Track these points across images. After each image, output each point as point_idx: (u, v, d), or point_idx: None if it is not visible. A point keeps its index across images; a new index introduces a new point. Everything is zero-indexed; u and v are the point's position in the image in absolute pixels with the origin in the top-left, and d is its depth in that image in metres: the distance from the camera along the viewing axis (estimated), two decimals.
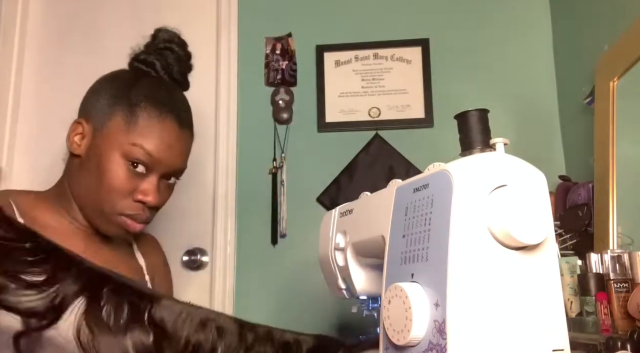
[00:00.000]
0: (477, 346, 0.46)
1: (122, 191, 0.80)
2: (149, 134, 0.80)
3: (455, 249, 0.48)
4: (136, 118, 0.81)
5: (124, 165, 0.79)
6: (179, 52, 0.91)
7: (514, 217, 0.47)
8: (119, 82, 0.86)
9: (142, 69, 0.88)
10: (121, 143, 0.80)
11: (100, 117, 0.82)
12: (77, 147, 0.83)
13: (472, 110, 0.57)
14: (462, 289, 0.47)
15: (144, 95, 0.83)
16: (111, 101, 0.82)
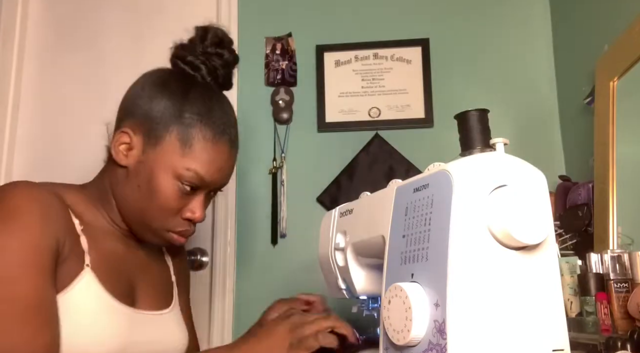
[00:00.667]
0: (477, 346, 0.47)
1: (172, 210, 0.80)
2: (203, 159, 0.80)
3: (455, 249, 0.48)
4: (191, 141, 0.79)
5: (176, 185, 0.79)
6: (228, 59, 0.88)
7: (514, 217, 0.47)
8: (169, 92, 0.82)
9: (188, 72, 0.86)
10: (175, 165, 0.79)
11: (152, 132, 0.80)
12: (123, 157, 0.81)
13: (472, 110, 0.57)
14: (462, 289, 0.47)
15: (198, 113, 0.81)
16: (163, 117, 0.80)
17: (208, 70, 0.86)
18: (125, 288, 0.81)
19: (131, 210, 0.81)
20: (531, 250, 0.49)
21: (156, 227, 0.81)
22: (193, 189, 0.80)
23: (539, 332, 0.48)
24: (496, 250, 0.49)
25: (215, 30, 0.87)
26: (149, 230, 0.82)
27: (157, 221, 0.80)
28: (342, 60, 1.62)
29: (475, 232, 0.48)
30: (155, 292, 0.89)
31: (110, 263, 0.79)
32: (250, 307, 1.50)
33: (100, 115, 1.62)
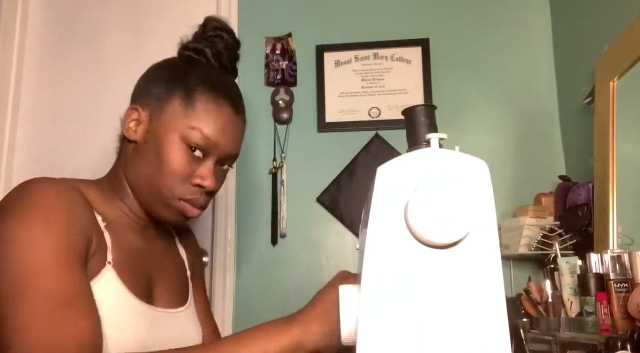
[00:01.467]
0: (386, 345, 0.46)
1: (181, 175, 0.80)
2: (207, 118, 0.81)
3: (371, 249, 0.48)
4: (194, 102, 0.81)
5: (182, 148, 0.80)
6: (228, 40, 0.91)
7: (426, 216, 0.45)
8: (173, 68, 0.87)
9: (193, 56, 0.89)
10: (179, 126, 0.80)
11: (157, 102, 0.82)
12: (132, 132, 0.83)
13: (419, 106, 0.56)
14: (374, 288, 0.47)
15: (200, 80, 0.83)
16: (167, 86, 0.83)
17: (212, 53, 0.89)
18: (144, 286, 0.81)
19: (143, 184, 0.82)
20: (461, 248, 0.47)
21: (167, 196, 0.80)
22: (200, 152, 0.81)
23: (468, 335, 0.46)
24: (415, 250, 0.47)
25: (215, 19, 0.92)
26: (161, 202, 0.81)
27: (167, 189, 0.80)
28: (342, 60, 1.62)
29: (392, 233, 0.47)
30: (172, 289, 0.89)
31: (131, 260, 0.79)
32: (250, 307, 1.50)
33: (100, 115, 1.63)
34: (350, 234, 1.52)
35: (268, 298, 1.51)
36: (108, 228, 0.77)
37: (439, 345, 0.46)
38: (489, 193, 0.49)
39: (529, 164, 1.50)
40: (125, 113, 0.85)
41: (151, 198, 0.82)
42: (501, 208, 1.41)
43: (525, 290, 1.13)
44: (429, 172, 0.49)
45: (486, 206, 0.48)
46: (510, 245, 1.33)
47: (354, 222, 1.51)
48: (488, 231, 0.48)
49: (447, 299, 0.47)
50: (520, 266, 1.42)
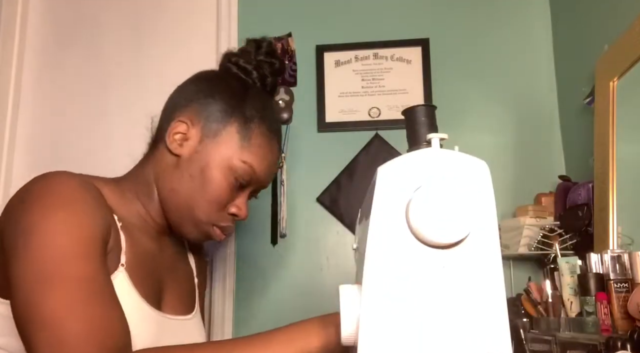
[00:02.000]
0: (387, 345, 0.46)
1: (221, 203, 0.81)
2: (259, 154, 0.82)
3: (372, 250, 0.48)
4: (250, 135, 0.81)
5: (229, 178, 0.80)
6: (276, 66, 0.93)
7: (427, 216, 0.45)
8: (229, 90, 0.85)
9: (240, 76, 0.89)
10: (232, 157, 0.80)
11: (212, 123, 0.81)
12: (177, 146, 0.81)
13: (419, 106, 0.56)
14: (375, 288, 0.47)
15: (257, 111, 0.83)
16: (225, 110, 0.82)
17: (259, 76, 0.90)
18: (155, 291, 0.80)
19: (177, 201, 0.81)
20: (462, 248, 0.47)
21: (201, 220, 0.81)
22: (242, 185, 0.81)
23: (468, 335, 0.46)
24: (416, 250, 0.47)
25: (269, 42, 0.93)
26: (193, 223, 0.81)
27: (204, 213, 0.80)
28: (342, 60, 1.61)
29: (393, 233, 0.47)
30: (180, 297, 0.88)
31: (143, 264, 0.78)
32: (250, 307, 1.50)
33: (100, 115, 1.63)
34: (350, 234, 1.52)
35: (268, 298, 1.51)
36: (124, 229, 0.75)
37: (439, 345, 0.46)
38: (490, 194, 0.49)
39: (529, 164, 1.50)
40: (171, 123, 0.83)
41: (183, 218, 0.81)
42: (501, 208, 1.41)
43: (525, 290, 1.13)
44: (430, 172, 0.49)
45: (487, 206, 0.48)
46: (510, 245, 1.33)
47: (354, 222, 1.51)
48: (488, 231, 0.48)
49: (448, 299, 0.47)
50: (520, 266, 1.42)
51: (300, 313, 1.59)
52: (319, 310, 0.91)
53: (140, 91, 1.60)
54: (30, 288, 0.61)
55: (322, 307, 1.30)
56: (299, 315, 1.44)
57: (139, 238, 0.79)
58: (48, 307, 0.60)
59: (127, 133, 1.58)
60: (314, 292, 1.49)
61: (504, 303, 0.47)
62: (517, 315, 1.11)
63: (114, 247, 0.72)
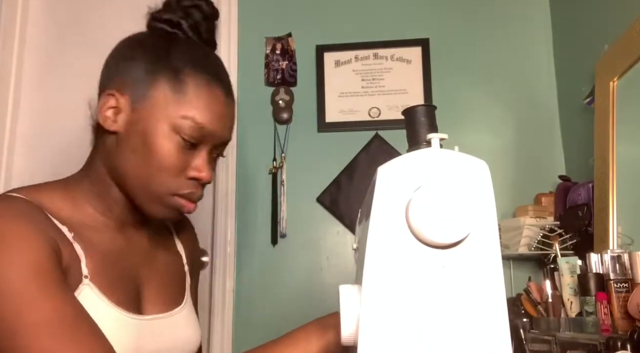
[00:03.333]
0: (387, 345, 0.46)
1: (175, 169, 0.72)
2: (200, 104, 0.72)
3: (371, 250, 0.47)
4: (183, 86, 0.71)
5: (174, 139, 0.71)
6: (205, 9, 0.81)
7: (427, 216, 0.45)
8: (151, 46, 0.76)
9: (167, 29, 0.79)
10: (169, 116, 0.71)
11: (138, 87, 0.72)
12: (112, 122, 0.73)
13: (419, 106, 0.56)
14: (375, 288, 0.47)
15: (186, 59, 0.74)
16: (150, 68, 0.73)
17: (189, 25, 0.79)
18: (131, 293, 0.75)
19: (132, 182, 0.73)
20: (462, 249, 0.47)
21: (161, 193, 0.72)
22: (194, 144, 0.72)
23: (468, 335, 0.46)
24: (416, 250, 0.47)
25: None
26: (154, 199, 0.73)
27: (160, 185, 0.72)
28: (342, 60, 1.61)
29: (393, 233, 0.47)
30: (164, 290, 0.82)
31: (112, 268, 0.72)
32: (250, 307, 1.50)
33: None
34: (350, 234, 1.52)
35: (268, 298, 1.51)
36: (78, 238, 0.69)
37: (439, 345, 0.46)
38: (490, 194, 0.49)
39: (529, 164, 1.50)
40: (99, 99, 0.75)
41: (142, 195, 0.73)
42: (501, 208, 1.41)
43: (525, 290, 1.13)
44: (430, 172, 0.49)
45: (487, 206, 0.48)
46: (510, 245, 1.33)
47: (354, 222, 1.51)
48: (488, 231, 0.48)
49: (448, 299, 0.47)
50: (520, 266, 1.42)
51: (300, 313, 1.60)
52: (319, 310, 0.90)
53: None
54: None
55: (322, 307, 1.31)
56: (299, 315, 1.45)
57: (101, 241, 0.74)
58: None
59: None
60: (314, 292, 1.49)
61: (504, 303, 0.47)
62: (517, 315, 1.11)
63: (70, 262, 0.67)
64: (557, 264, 1.05)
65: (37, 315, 0.58)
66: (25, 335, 0.57)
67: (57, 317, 0.59)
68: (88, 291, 0.67)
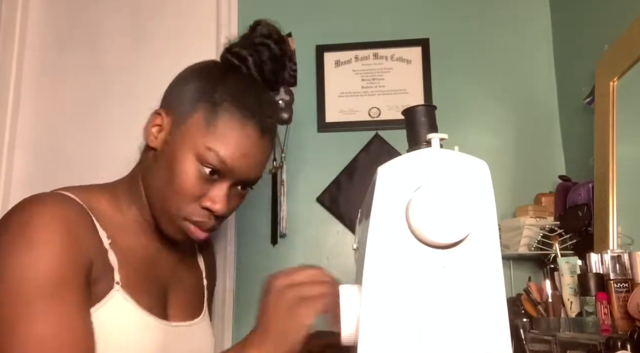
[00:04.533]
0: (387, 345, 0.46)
1: (190, 195, 0.73)
2: (227, 140, 0.73)
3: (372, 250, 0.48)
4: (216, 119, 0.73)
5: (195, 167, 0.72)
6: (274, 50, 0.86)
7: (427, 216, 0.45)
8: (206, 75, 0.79)
9: (234, 62, 0.81)
10: (197, 144, 0.72)
11: (181, 111, 0.75)
12: (153, 139, 0.77)
13: (419, 106, 0.56)
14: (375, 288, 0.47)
15: (229, 93, 0.75)
16: (195, 96, 0.75)
17: (254, 62, 0.82)
18: (158, 300, 0.77)
19: (154, 195, 0.76)
20: (462, 249, 0.47)
21: (173, 214, 0.74)
22: (214, 174, 0.73)
23: (468, 335, 0.46)
24: (416, 250, 0.47)
25: (265, 24, 0.87)
26: (167, 218, 0.76)
27: (174, 206, 0.74)
28: (342, 60, 1.61)
29: (393, 233, 0.47)
30: (186, 300, 0.84)
31: (143, 274, 0.75)
32: (250, 307, 1.50)
33: (100, 115, 1.63)
34: (350, 234, 1.52)
35: None
36: (114, 245, 0.72)
37: (439, 345, 0.46)
38: (490, 194, 0.49)
39: (529, 164, 1.50)
40: (149, 116, 0.79)
41: (158, 212, 0.76)
42: (501, 208, 1.41)
43: (525, 290, 1.13)
44: (430, 172, 0.49)
45: (487, 206, 0.48)
46: (510, 245, 1.33)
47: (354, 222, 1.51)
48: (488, 231, 0.48)
49: (448, 299, 0.47)
50: (520, 266, 1.42)
51: None
52: None
53: (140, 91, 1.60)
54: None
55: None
56: None
57: (136, 246, 0.76)
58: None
59: (127, 133, 1.58)
60: None
61: (504, 303, 0.47)
62: (517, 315, 1.11)
63: (102, 270, 0.68)
64: (557, 264, 1.05)
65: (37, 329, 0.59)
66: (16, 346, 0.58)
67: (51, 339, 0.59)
68: (119, 297, 0.69)
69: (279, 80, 0.90)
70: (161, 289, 0.79)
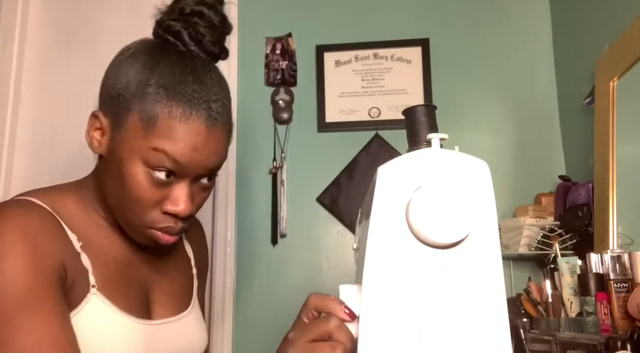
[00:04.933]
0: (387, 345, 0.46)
1: (147, 203, 0.67)
2: (171, 136, 0.65)
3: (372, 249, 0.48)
4: (154, 119, 0.65)
5: (146, 173, 0.65)
6: (211, 17, 0.74)
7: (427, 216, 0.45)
8: (137, 62, 0.69)
9: (169, 39, 0.71)
10: (140, 148, 0.65)
11: (116, 111, 0.67)
12: (97, 145, 0.69)
13: (420, 106, 0.56)
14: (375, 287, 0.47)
15: (164, 84, 0.66)
16: (127, 92, 0.67)
17: (190, 36, 0.71)
18: (139, 297, 0.74)
19: (112, 204, 0.71)
20: (462, 249, 0.47)
21: (136, 224, 0.69)
22: (170, 176, 0.66)
23: (468, 335, 0.46)
24: (416, 250, 0.47)
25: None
26: (131, 228, 0.70)
27: (134, 217, 0.68)
28: (342, 60, 1.61)
29: (393, 233, 0.47)
30: (172, 294, 0.81)
31: (120, 275, 0.72)
32: (250, 307, 1.50)
33: None
34: (350, 234, 1.52)
35: (268, 299, 1.51)
36: (85, 247, 0.68)
37: (439, 345, 0.46)
38: (490, 194, 0.49)
39: (529, 164, 1.50)
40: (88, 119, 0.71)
41: (122, 221, 0.71)
42: (501, 208, 1.41)
43: (525, 290, 1.13)
44: (430, 172, 0.49)
45: (487, 206, 0.48)
46: (510, 245, 1.33)
47: (354, 222, 1.51)
48: (488, 231, 0.48)
49: (448, 299, 0.47)
50: (520, 266, 1.42)
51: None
52: None
53: None
54: None
55: None
56: None
57: (109, 247, 0.73)
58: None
59: None
60: (313, 291, 1.49)
61: (504, 303, 0.47)
62: (517, 315, 1.11)
63: (76, 276, 0.66)
64: (557, 264, 1.05)
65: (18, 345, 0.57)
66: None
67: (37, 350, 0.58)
68: (95, 300, 0.67)
69: (224, 50, 0.79)
70: (141, 288, 0.76)
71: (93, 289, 0.67)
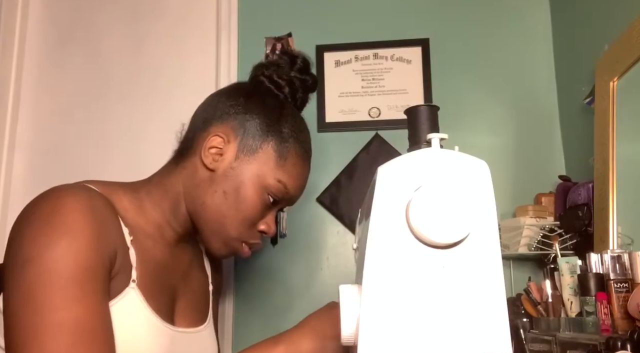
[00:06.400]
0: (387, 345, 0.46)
1: (252, 220, 0.81)
2: (294, 174, 0.82)
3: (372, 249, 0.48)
4: (286, 155, 0.81)
5: (262, 196, 0.80)
6: (309, 85, 0.92)
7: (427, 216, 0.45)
8: (265, 104, 0.85)
9: (272, 91, 0.88)
10: (267, 175, 0.80)
11: (249, 140, 0.81)
12: (212, 161, 0.80)
13: (422, 106, 0.56)
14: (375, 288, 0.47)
15: (292, 131, 0.84)
16: (264, 127, 0.82)
17: (290, 92, 0.89)
18: (167, 303, 0.79)
19: (208, 216, 0.80)
20: (462, 249, 0.47)
21: (232, 237, 0.81)
22: (276, 203, 0.82)
23: (468, 335, 0.46)
24: (416, 250, 0.47)
25: (304, 58, 0.92)
26: (222, 239, 0.81)
27: (235, 230, 0.80)
28: (342, 60, 1.61)
29: (393, 233, 0.47)
30: (193, 306, 0.86)
31: (156, 276, 0.76)
32: (251, 307, 1.50)
33: (100, 115, 1.63)
34: (350, 234, 1.52)
35: (268, 299, 1.51)
36: (134, 242, 0.73)
37: (439, 345, 0.46)
38: (490, 194, 0.49)
39: (529, 164, 1.50)
40: (206, 136, 0.81)
41: (212, 231, 0.81)
42: (501, 208, 1.41)
43: (525, 290, 1.13)
44: (430, 172, 0.49)
45: (487, 206, 0.48)
46: (510, 245, 1.33)
47: (354, 222, 1.51)
48: (488, 231, 0.48)
49: (448, 299, 0.47)
50: (520, 266, 1.42)
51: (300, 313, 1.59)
52: None
53: (140, 91, 1.60)
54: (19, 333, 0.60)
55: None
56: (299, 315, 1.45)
57: (152, 248, 0.78)
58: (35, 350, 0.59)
59: (127, 133, 1.58)
60: (314, 292, 1.49)
61: (504, 303, 0.47)
62: (517, 315, 1.11)
63: (122, 265, 0.70)
64: (557, 264, 1.05)
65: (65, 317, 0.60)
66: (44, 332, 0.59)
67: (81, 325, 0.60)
68: (133, 295, 0.70)
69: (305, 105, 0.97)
70: (170, 294, 0.80)
71: (132, 284, 0.71)
